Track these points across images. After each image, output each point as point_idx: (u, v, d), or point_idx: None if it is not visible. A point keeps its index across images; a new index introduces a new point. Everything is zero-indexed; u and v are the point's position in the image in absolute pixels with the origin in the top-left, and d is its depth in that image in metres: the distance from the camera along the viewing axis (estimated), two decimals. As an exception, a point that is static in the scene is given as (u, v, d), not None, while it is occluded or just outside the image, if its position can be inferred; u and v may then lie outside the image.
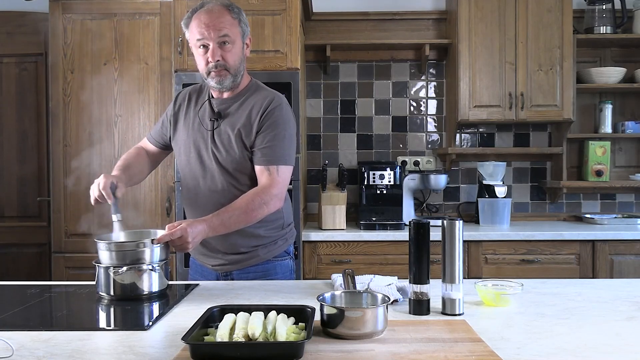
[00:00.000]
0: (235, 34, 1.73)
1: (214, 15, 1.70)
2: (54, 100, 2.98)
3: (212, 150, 1.77)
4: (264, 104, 1.76)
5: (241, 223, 1.67)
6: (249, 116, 1.76)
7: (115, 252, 1.51)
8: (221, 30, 1.70)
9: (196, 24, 1.72)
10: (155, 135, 1.95)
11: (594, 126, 3.54)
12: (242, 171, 1.77)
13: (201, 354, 1.02)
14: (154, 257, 1.52)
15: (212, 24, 1.69)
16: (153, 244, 1.51)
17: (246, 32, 1.78)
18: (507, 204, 3.23)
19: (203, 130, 1.80)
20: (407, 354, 1.06)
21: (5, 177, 3.37)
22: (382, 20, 3.51)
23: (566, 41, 3.18)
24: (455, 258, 1.34)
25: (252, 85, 1.84)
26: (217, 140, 1.77)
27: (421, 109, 3.56)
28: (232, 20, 1.73)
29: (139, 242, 1.52)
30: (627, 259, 2.98)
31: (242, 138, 1.75)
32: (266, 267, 1.83)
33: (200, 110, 1.82)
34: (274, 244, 1.84)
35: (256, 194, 1.69)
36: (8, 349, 1.06)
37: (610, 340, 1.15)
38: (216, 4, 1.73)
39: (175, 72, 2.91)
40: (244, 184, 1.77)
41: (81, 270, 2.90)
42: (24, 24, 3.32)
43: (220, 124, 1.78)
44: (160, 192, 2.97)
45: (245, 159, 1.76)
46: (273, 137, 1.73)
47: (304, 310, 1.22)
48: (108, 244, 1.52)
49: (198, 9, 1.74)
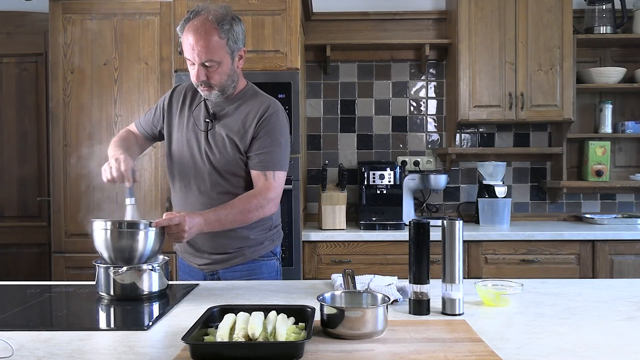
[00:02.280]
0: (221, 56, 1.69)
1: (200, 36, 1.65)
2: (54, 100, 2.98)
3: (206, 151, 1.78)
4: (261, 110, 1.78)
5: (236, 222, 1.69)
6: (245, 121, 1.77)
7: (110, 230, 1.48)
8: (205, 55, 1.67)
9: (185, 40, 1.69)
10: (145, 125, 1.93)
11: (594, 126, 3.54)
12: (234, 173, 1.78)
13: (201, 354, 1.02)
14: (148, 243, 1.51)
15: (198, 47, 1.66)
16: (150, 227, 1.50)
17: (236, 48, 1.73)
18: (507, 204, 3.23)
19: (197, 130, 1.81)
20: (407, 354, 1.06)
21: (5, 177, 3.37)
22: (382, 20, 3.51)
23: (566, 41, 3.18)
24: (455, 258, 1.34)
25: (249, 89, 1.85)
26: (212, 141, 1.78)
27: (421, 109, 3.56)
28: (219, 41, 1.67)
29: (136, 222, 1.50)
30: (627, 259, 2.98)
31: (236, 141, 1.76)
32: (252, 266, 1.85)
33: (196, 110, 1.83)
34: (260, 244, 1.86)
35: (253, 196, 1.71)
36: (8, 349, 1.06)
37: (610, 340, 1.15)
38: (207, 19, 1.66)
39: (175, 72, 2.91)
40: (235, 185, 1.79)
41: (81, 270, 2.90)
42: (24, 24, 3.32)
43: (214, 126, 1.79)
44: (160, 192, 2.97)
45: (237, 161, 1.77)
46: (270, 143, 1.76)
47: (304, 310, 1.22)
48: (104, 222, 1.49)
49: (191, 17, 1.69)
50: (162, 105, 1.90)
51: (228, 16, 1.70)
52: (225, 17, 1.69)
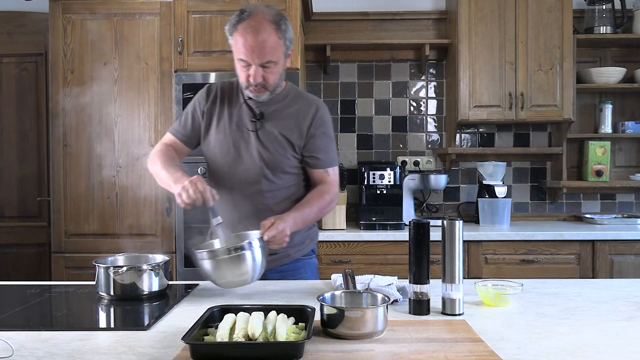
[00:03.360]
0: (279, 56, 1.67)
1: (260, 37, 1.60)
2: (54, 100, 2.97)
3: (258, 151, 1.75)
4: (313, 109, 1.79)
5: (314, 220, 1.79)
6: (297, 119, 1.77)
7: (221, 259, 1.44)
8: (265, 56, 1.62)
9: (241, 42, 1.62)
10: (185, 132, 1.84)
11: (594, 126, 3.54)
12: (285, 171, 1.78)
13: (201, 354, 1.02)
14: (259, 259, 1.47)
15: (257, 48, 1.61)
16: (262, 241, 1.49)
17: (290, 46, 1.71)
18: (507, 204, 3.23)
19: (244, 130, 1.77)
20: (407, 354, 1.06)
21: (5, 177, 3.37)
22: (382, 20, 3.51)
23: (566, 41, 3.18)
24: (455, 258, 1.34)
25: (292, 88, 1.84)
26: (264, 140, 1.76)
27: (421, 109, 3.56)
28: (278, 41, 1.64)
29: (245, 240, 1.49)
30: (627, 259, 2.98)
31: (291, 140, 1.76)
32: (295, 265, 1.86)
33: (238, 110, 1.79)
34: (302, 244, 1.87)
35: (325, 192, 1.78)
36: (8, 349, 1.06)
37: (610, 340, 1.15)
38: (264, 19, 1.62)
39: (175, 72, 2.91)
40: (285, 184, 1.79)
41: (81, 270, 2.89)
42: (24, 24, 3.32)
43: (263, 125, 1.76)
44: (160, 193, 2.97)
45: (289, 159, 1.77)
46: (328, 142, 1.81)
47: (304, 310, 1.22)
48: (210, 252, 1.46)
49: (245, 17, 1.63)
50: (199, 109, 1.83)
51: (281, 16, 1.68)
52: (281, 17, 1.67)
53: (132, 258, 1.66)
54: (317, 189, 1.79)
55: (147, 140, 2.95)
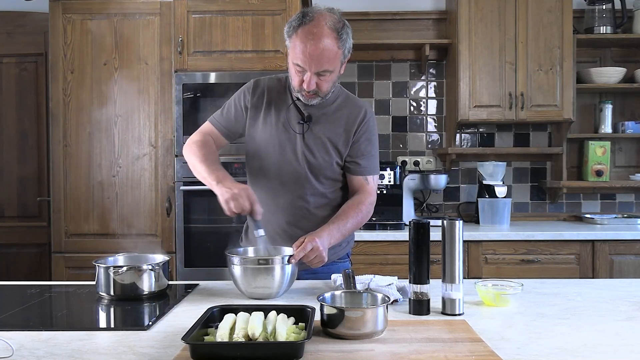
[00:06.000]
0: (336, 65, 1.63)
1: (320, 45, 1.56)
2: (54, 100, 2.97)
3: (304, 154, 1.73)
4: (361, 114, 1.76)
5: (352, 231, 1.73)
6: (346, 125, 1.74)
7: (249, 268, 1.48)
8: (323, 66, 1.59)
9: (300, 48, 1.58)
10: (226, 123, 1.81)
11: (594, 126, 3.54)
12: (329, 177, 1.76)
13: (201, 354, 1.02)
14: (286, 277, 1.49)
15: (316, 57, 1.57)
16: (288, 263, 1.49)
17: (348, 55, 1.67)
18: (507, 204, 3.23)
19: (291, 132, 1.74)
20: (407, 354, 1.06)
21: (5, 177, 3.37)
22: (382, 20, 3.50)
23: (566, 41, 3.17)
24: (455, 258, 1.34)
25: (340, 91, 1.80)
26: (311, 144, 1.73)
27: (421, 109, 3.56)
28: (337, 51, 1.60)
29: (271, 257, 1.51)
30: (627, 259, 2.98)
31: (338, 145, 1.74)
32: (330, 268, 1.80)
33: (286, 111, 1.75)
34: (338, 246, 1.81)
35: (361, 202, 1.73)
36: (8, 349, 1.06)
37: (610, 340, 1.15)
38: (325, 26, 1.57)
39: (175, 72, 2.91)
40: (328, 189, 1.77)
41: (81, 270, 2.89)
42: (24, 24, 3.32)
43: (310, 128, 1.74)
44: (160, 193, 2.97)
45: (334, 165, 1.75)
46: (371, 149, 1.78)
47: (304, 310, 1.22)
48: (243, 259, 1.49)
49: (306, 22, 1.58)
50: (244, 103, 1.79)
51: (342, 23, 1.62)
52: (343, 25, 1.62)
53: (132, 258, 1.65)
54: (353, 199, 1.74)
55: (147, 140, 2.96)
